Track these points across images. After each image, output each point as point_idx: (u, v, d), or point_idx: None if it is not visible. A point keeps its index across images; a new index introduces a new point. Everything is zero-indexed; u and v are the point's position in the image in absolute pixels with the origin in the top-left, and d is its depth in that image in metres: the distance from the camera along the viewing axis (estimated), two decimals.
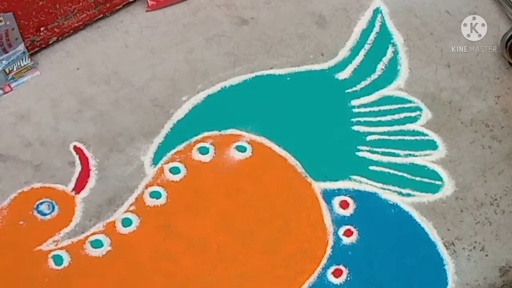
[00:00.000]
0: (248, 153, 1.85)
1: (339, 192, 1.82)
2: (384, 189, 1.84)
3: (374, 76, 2.01)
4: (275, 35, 2.07)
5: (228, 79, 1.98)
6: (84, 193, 1.77)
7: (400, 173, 1.86)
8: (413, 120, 1.94)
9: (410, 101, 1.97)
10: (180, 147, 1.85)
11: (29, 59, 1.91)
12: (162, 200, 1.77)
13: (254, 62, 2.01)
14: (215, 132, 1.88)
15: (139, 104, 1.92)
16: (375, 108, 1.95)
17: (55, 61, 1.98)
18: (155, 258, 1.70)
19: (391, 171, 1.86)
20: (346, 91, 1.98)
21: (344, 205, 1.81)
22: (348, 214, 1.79)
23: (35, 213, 1.73)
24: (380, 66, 2.03)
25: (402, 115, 1.95)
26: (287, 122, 1.91)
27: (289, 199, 1.80)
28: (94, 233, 1.72)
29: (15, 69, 1.89)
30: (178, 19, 2.09)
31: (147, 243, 1.71)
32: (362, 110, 1.94)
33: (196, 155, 1.84)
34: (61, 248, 1.69)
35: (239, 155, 1.85)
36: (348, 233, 1.76)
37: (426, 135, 1.93)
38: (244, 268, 1.71)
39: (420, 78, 2.01)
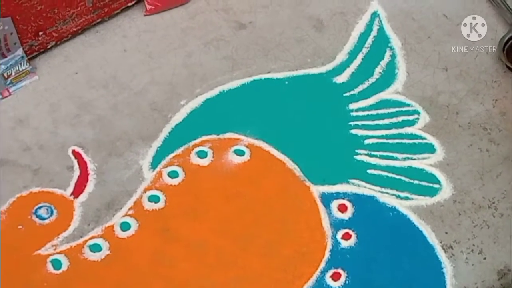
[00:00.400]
0: (246, 157, 1.85)
1: (337, 195, 1.82)
2: (382, 192, 1.84)
3: (372, 80, 2.01)
4: (273, 39, 2.08)
5: (227, 83, 1.98)
6: (83, 197, 1.77)
7: (398, 177, 1.86)
8: (411, 123, 1.95)
9: (408, 105, 1.98)
10: (179, 151, 1.86)
11: (28, 64, 1.91)
12: (160, 204, 1.77)
13: (252, 66, 2.02)
14: (214, 136, 1.88)
15: (137, 108, 1.93)
16: (373, 112, 1.95)
17: (53, 66, 1.98)
18: (153, 262, 1.70)
19: (389, 175, 1.86)
20: (344, 94, 1.98)
21: (342, 208, 1.81)
22: (346, 218, 1.79)
23: (34, 217, 1.73)
24: (378, 70, 2.03)
25: (400, 119, 1.95)
26: (285, 126, 1.91)
27: (288, 203, 1.80)
28: (92, 237, 1.72)
29: (13, 73, 1.89)
30: (176, 23, 2.09)
31: (146, 247, 1.71)
32: (360, 113, 1.95)
33: (195, 159, 1.84)
34: (60, 253, 1.69)
35: (237, 159, 1.85)
36: (346, 237, 1.77)
37: (424, 138, 1.93)
38: (243, 271, 1.71)
39: (418, 82, 2.02)
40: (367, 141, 1.90)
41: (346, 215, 1.80)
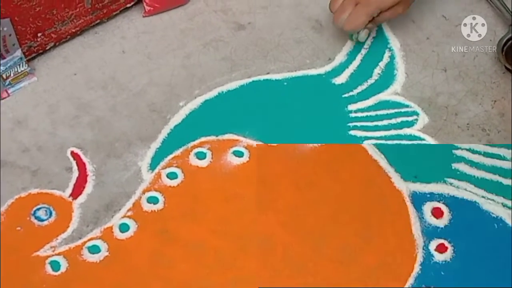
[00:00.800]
0: (245, 158, 1.85)
1: None
2: None
3: (370, 81, 2.01)
4: (272, 40, 2.08)
5: (225, 84, 1.98)
6: (82, 198, 1.77)
7: None
8: (410, 124, 1.94)
9: (407, 106, 1.97)
10: (177, 152, 1.85)
11: (26, 65, 1.91)
12: (159, 206, 1.77)
13: (251, 67, 2.02)
14: (212, 137, 1.88)
15: (136, 109, 1.92)
16: (372, 113, 1.95)
17: (52, 67, 1.98)
18: (152, 263, 1.69)
19: None
20: (343, 96, 1.98)
21: None
22: None
23: (32, 219, 1.72)
24: (377, 71, 2.03)
25: (399, 120, 1.95)
26: (284, 127, 1.91)
27: None
28: (91, 239, 1.71)
29: (12, 75, 1.89)
30: (175, 24, 2.09)
31: (145, 249, 1.71)
32: (359, 114, 1.95)
33: (193, 160, 1.84)
34: (58, 254, 1.68)
35: (236, 160, 1.85)
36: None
37: (423, 139, 1.93)
38: (241, 272, 1.70)
39: (416, 83, 2.02)
40: (366, 142, 1.90)
41: None
